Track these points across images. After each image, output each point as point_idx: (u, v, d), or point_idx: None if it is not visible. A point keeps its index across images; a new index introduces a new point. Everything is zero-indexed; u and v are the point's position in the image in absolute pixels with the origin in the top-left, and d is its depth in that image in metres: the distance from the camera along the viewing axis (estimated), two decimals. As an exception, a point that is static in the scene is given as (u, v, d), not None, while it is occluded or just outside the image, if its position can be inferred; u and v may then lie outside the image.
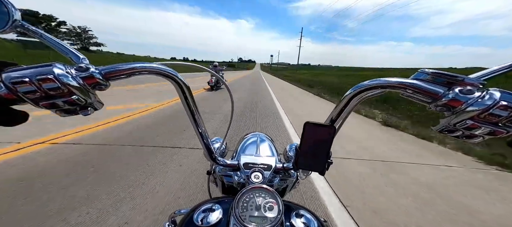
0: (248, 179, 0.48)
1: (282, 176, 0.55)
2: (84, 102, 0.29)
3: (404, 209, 1.65)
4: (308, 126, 0.38)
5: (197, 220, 0.38)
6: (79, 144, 2.43)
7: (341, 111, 0.38)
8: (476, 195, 1.91)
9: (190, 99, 0.40)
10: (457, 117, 0.26)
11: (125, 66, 0.30)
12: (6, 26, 0.27)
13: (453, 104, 0.26)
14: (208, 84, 8.52)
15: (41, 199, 1.49)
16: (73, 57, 0.30)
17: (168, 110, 4.45)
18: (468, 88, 0.25)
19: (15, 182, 1.65)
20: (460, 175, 2.30)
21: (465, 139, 0.27)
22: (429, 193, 1.89)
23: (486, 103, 0.24)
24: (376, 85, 0.31)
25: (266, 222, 0.35)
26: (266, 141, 0.76)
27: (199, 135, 0.46)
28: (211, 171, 0.61)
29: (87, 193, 1.59)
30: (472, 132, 0.26)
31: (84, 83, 0.28)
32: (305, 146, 0.40)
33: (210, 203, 0.41)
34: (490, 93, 0.24)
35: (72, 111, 0.29)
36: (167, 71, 0.33)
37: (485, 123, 0.25)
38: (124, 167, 1.99)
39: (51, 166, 1.93)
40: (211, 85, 8.24)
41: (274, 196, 0.39)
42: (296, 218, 0.39)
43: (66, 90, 0.26)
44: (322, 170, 0.41)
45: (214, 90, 8.27)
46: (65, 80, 0.26)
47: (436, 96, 0.27)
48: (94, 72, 0.28)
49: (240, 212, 0.36)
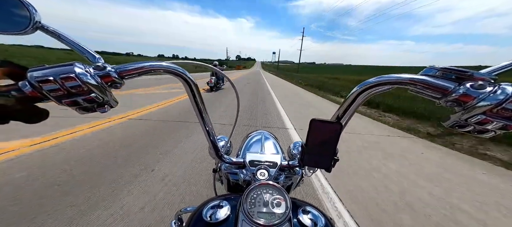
0: (254, 177, 0.49)
1: (287, 174, 0.56)
2: (102, 100, 0.30)
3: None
4: (314, 122, 0.38)
5: (206, 216, 0.38)
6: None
7: (348, 108, 0.38)
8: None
9: (198, 97, 0.40)
10: (469, 112, 0.26)
11: (138, 65, 0.31)
12: (28, 28, 0.28)
13: (465, 99, 0.26)
14: (207, 84, 7.83)
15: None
16: (90, 56, 0.31)
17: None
18: (480, 83, 0.25)
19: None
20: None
21: (477, 133, 0.28)
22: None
23: (499, 98, 0.24)
24: (384, 82, 0.31)
25: (274, 217, 0.35)
26: (270, 138, 0.76)
27: (206, 133, 0.47)
28: (217, 168, 0.62)
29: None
30: (484, 127, 0.26)
31: (102, 82, 0.29)
32: (311, 143, 0.40)
33: (218, 200, 0.42)
34: (502, 88, 0.24)
35: (90, 109, 0.30)
36: (177, 69, 0.34)
37: (497, 117, 0.25)
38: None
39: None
40: (211, 86, 7.63)
41: (282, 192, 0.39)
42: (303, 214, 0.40)
43: (86, 88, 0.27)
44: (328, 167, 0.41)
45: (213, 91, 7.67)
46: (85, 78, 0.27)
47: (446, 91, 0.27)
48: (111, 71, 0.29)
49: (248, 208, 0.36)
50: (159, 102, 5.06)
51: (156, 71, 0.33)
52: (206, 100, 0.42)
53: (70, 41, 0.31)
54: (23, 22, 0.28)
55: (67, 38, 0.31)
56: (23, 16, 0.28)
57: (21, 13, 0.28)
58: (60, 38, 0.31)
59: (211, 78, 7.71)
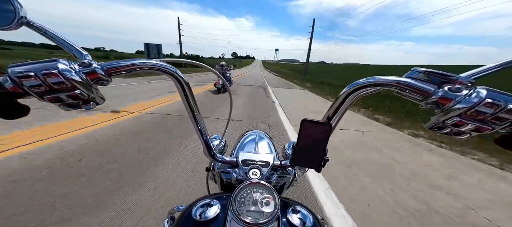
0: (246, 176, 0.49)
1: (280, 173, 0.55)
2: (87, 97, 0.30)
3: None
4: (305, 123, 0.38)
5: (195, 214, 0.38)
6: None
7: (338, 109, 0.38)
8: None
9: (190, 96, 0.40)
10: (446, 114, 0.27)
11: (126, 63, 0.32)
12: (13, 23, 0.27)
13: (442, 102, 0.26)
14: (214, 86, 7.78)
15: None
16: (76, 53, 0.31)
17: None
18: (457, 86, 0.26)
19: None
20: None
21: (453, 135, 0.28)
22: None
23: (473, 101, 0.24)
24: (371, 83, 0.32)
25: (263, 216, 0.35)
26: (264, 138, 0.76)
27: (199, 132, 0.47)
28: (210, 167, 0.62)
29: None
30: (460, 129, 0.27)
31: (87, 79, 0.29)
32: (302, 143, 0.40)
33: (208, 198, 0.42)
34: (477, 91, 0.25)
35: (75, 106, 0.30)
36: (167, 67, 0.34)
37: (471, 120, 0.25)
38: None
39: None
40: (218, 87, 7.37)
41: (271, 191, 0.39)
42: (293, 213, 0.39)
43: (69, 85, 0.27)
44: (318, 167, 0.41)
45: (221, 93, 7.24)
46: (69, 75, 0.27)
47: (427, 94, 0.27)
48: (97, 68, 0.30)
49: (237, 206, 0.36)
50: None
51: (146, 68, 0.33)
52: (216, 100, 0.42)
53: (56, 37, 0.31)
54: (7, 17, 0.27)
55: (53, 34, 0.30)
56: (7, 10, 0.27)
57: (5, 7, 0.27)
58: (46, 34, 0.30)
59: (218, 79, 7.54)
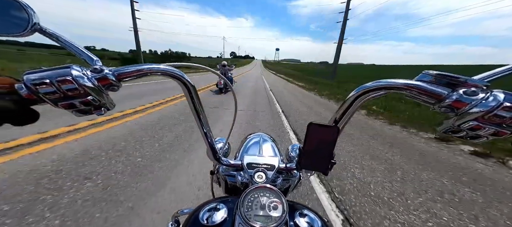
0: (252, 179, 0.49)
1: (285, 176, 0.55)
2: (99, 103, 0.30)
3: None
4: (312, 126, 0.38)
5: (202, 219, 0.38)
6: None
7: (345, 112, 0.38)
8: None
9: (196, 99, 0.41)
10: (461, 118, 0.26)
11: (136, 68, 0.32)
12: (26, 30, 0.28)
13: (457, 105, 0.26)
14: (216, 86, 7.66)
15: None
16: (87, 59, 0.31)
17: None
18: (472, 90, 0.25)
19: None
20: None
21: (469, 139, 0.28)
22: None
23: (490, 104, 0.24)
24: (381, 87, 0.31)
25: (271, 221, 0.35)
26: (268, 141, 0.76)
27: (204, 135, 0.47)
28: (215, 170, 0.62)
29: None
30: (476, 133, 0.26)
31: (99, 85, 0.29)
32: (309, 146, 0.40)
33: (215, 202, 0.42)
34: (494, 95, 0.24)
35: (86, 112, 0.30)
36: (175, 72, 0.35)
37: (489, 124, 0.25)
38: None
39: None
40: (220, 87, 7.22)
41: (279, 195, 0.39)
42: (300, 217, 0.39)
43: (82, 91, 0.27)
44: (326, 170, 0.41)
45: (223, 93, 7.17)
46: (82, 81, 0.27)
47: (440, 97, 0.27)
48: (108, 74, 0.30)
49: (245, 211, 0.36)
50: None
51: (154, 74, 0.33)
52: (218, 102, 0.42)
53: (68, 43, 0.31)
54: (21, 24, 0.28)
55: (65, 40, 0.31)
56: (21, 18, 0.28)
57: (19, 15, 0.28)
58: (58, 40, 0.31)
59: (220, 79, 7.56)
